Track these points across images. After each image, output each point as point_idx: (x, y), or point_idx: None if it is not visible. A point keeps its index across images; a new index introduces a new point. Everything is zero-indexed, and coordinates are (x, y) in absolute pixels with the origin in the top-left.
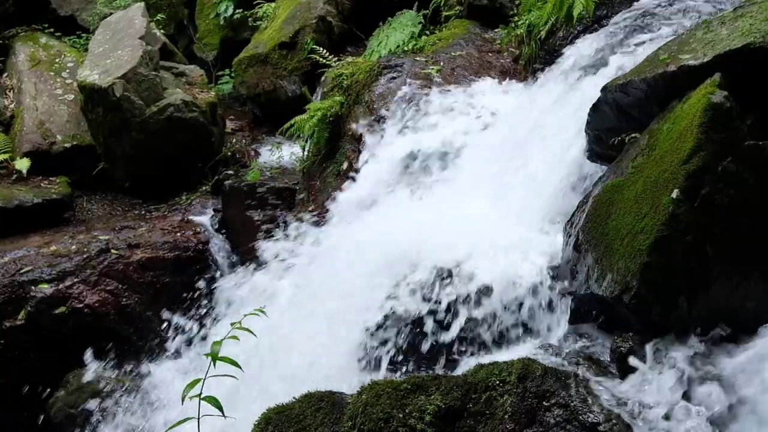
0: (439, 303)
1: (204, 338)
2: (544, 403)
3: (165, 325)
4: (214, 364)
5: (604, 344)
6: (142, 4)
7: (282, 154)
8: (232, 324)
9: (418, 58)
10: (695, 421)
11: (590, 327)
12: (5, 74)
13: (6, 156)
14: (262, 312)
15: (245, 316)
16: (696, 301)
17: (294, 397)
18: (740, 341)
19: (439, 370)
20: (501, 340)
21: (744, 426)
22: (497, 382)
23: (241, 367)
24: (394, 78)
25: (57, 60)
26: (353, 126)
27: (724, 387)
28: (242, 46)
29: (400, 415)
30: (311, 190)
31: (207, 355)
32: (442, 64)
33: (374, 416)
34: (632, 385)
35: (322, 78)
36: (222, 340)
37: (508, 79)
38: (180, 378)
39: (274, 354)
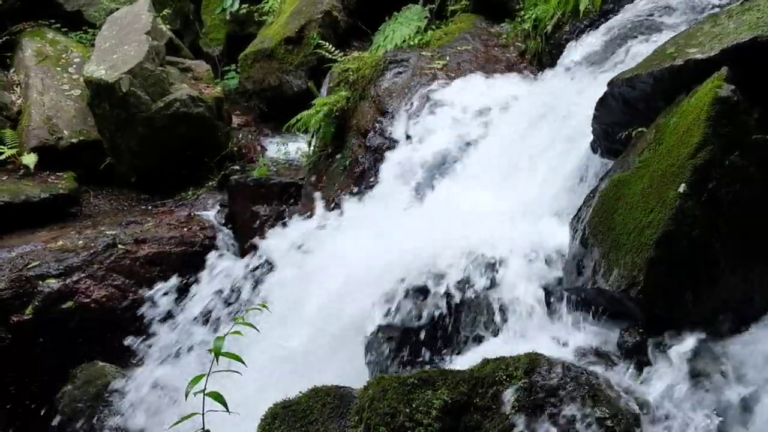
0: None
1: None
2: (550, 397)
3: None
4: (217, 360)
5: (611, 338)
6: None
7: (288, 149)
8: (234, 319)
9: (424, 53)
10: (701, 414)
11: (597, 321)
12: (12, 70)
13: (13, 151)
14: (265, 307)
15: (247, 311)
16: (702, 294)
17: (301, 392)
18: (747, 334)
19: None
20: None
21: (750, 418)
22: (504, 377)
23: (244, 362)
24: (400, 73)
25: (64, 55)
26: (359, 121)
27: (730, 379)
28: (248, 41)
29: (407, 410)
30: (318, 185)
31: (210, 350)
32: (448, 58)
33: (381, 411)
34: (639, 378)
35: (328, 73)
36: (224, 335)
37: (514, 73)
38: (185, 373)
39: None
